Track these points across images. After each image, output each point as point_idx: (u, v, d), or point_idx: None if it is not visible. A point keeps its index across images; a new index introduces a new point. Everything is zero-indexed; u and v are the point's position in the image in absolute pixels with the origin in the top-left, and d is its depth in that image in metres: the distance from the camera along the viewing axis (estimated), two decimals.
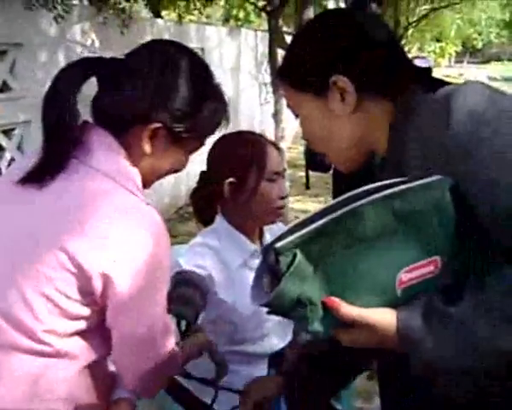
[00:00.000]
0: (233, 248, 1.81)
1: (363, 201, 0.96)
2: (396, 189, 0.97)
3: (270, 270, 0.96)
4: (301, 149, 4.64)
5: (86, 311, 1.20)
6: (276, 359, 1.86)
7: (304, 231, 0.93)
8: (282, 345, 1.89)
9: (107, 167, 1.21)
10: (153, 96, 1.23)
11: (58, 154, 1.19)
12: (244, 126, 7.26)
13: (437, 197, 0.98)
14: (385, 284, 0.98)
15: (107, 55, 1.32)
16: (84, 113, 1.24)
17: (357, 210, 0.95)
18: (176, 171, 1.36)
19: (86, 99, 1.26)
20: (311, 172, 4.86)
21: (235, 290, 1.77)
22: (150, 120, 1.23)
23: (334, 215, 0.94)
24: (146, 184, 1.32)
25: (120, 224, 1.16)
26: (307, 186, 4.74)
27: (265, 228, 1.90)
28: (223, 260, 1.79)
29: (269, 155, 1.78)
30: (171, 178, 5.65)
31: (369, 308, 0.97)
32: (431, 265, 0.99)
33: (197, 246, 1.80)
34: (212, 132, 1.36)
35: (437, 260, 0.99)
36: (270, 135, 6.12)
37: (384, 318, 0.98)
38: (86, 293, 1.17)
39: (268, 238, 1.89)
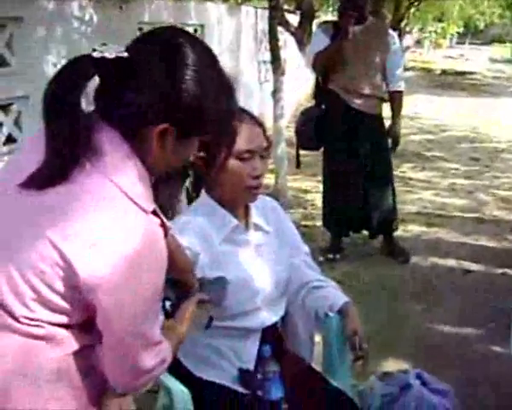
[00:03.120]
0: (216, 224, 1.82)
1: None
2: None
3: None
4: None
5: (69, 307, 1.20)
6: (268, 333, 1.87)
7: None
8: (274, 319, 1.90)
9: (119, 178, 1.18)
10: (160, 96, 1.19)
11: (67, 159, 1.16)
12: (243, 104, 7.21)
13: None
14: None
15: (106, 31, 1.29)
16: None
17: None
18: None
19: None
20: (307, 152, 4.86)
21: (219, 265, 1.78)
22: (158, 121, 1.20)
23: None
24: (155, 174, 1.30)
25: (116, 230, 1.16)
26: (297, 165, 4.73)
27: (251, 204, 1.89)
28: (206, 235, 1.79)
29: (241, 132, 1.74)
30: None
31: None
32: None
33: (183, 224, 1.80)
34: (223, 121, 1.31)
35: None
36: (269, 113, 6.10)
37: None
38: (72, 289, 1.17)
39: (254, 214, 1.89)
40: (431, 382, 2.07)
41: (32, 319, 1.18)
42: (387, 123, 4.46)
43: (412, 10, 19.73)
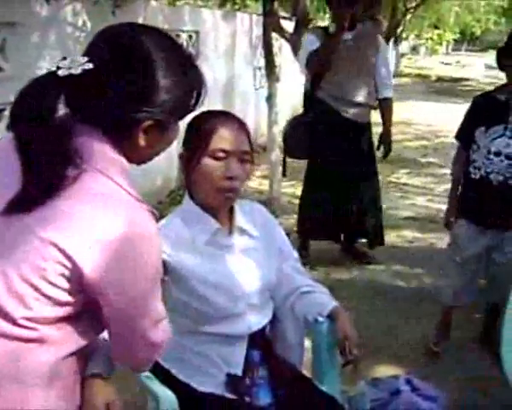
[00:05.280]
0: (197, 227, 1.82)
1: None
2: None
3: None
4: None
5: (73, 298, 1.21)
6: (257, 338, 1.87)
7: None
8: (262, 324, 1.89)
9: (111, 172, 1.21)
10: (136, 98, 1.21)
11: (56, 177, 1.17)
12: (238, 110, 7.21)
13: None
14: None
15: None
16: None
17: None
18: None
19: None
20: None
21: (201, 267, 1.78)
22: (141, 121, 1.23)
23: None
24: (135, 163, 1.33)
25: (116, 222, 1.18)
26: (284, 173, 4.70)
27: (236, 207, 1.89)
28: (187, 240, 1.79)
29: (217, 131, 1.75)
30: (163, 161, 5.62)
31: None
32: None
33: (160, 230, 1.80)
34: (196, 104, 1.35)
35: None
36: (265, 119, 6.10)
37: None
38: (75, 282, 1.18)
39: (239, 218, 1.89)
40: (421, 387, 2.06)
41: (30, 319, 1.18)
42: (377, 130, 4.46)
43: (408, 17, 19.76)
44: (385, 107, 4.38)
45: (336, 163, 4.21)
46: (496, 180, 2.94)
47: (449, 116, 12.27)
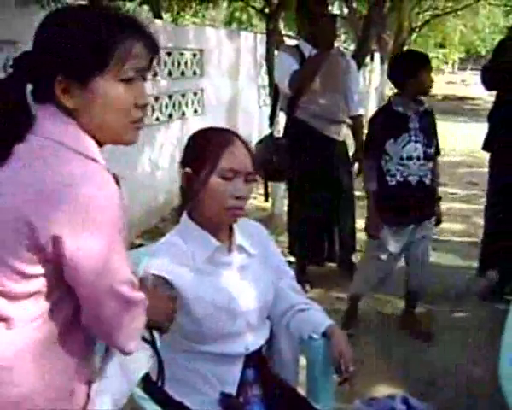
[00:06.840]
0: (197, 245, 1.81)
1: None
2: None
3: None
4: None
5: (40, 269, 1.21)
6: (252, 357, 1.85)
7: None
8: (259, 344, 1.88)
9: (60, 136, 1.24)
10: (36, 59, 1.26)
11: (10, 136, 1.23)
12: (243, 128, 7.23)
13: None
14: None
15: None
16: None
17: None
18: (138, 107, 1.33)
19: None
20: None
21: (200, 284, 1.77)
22: (51, 79, 1.24)
23: None
24: (104, 139, 1.32)
25: (69, 185, 1.18)
26: (266, 198, 4.64)
27: (235, 225, 1.88)
28: (187, 256, 1.79)
29: (226, 151, 1.76)
30: (166, 178, 5.62)
31: None
32: None
33: (157, 246, 1.82)
34: (127, 54, 1.28)
35: None
36: None
37: None
38: (37, 251, 1.19)
39: (238, 236, 1.89)
40: (417, 406, 2.05)
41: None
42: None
43: (414, 36, 19.85)
44: (357, 124, 4.42)
45: (319, 181, 4.21)
46: (414, 181, 3.41)
47: (452, 135, 12.32)
